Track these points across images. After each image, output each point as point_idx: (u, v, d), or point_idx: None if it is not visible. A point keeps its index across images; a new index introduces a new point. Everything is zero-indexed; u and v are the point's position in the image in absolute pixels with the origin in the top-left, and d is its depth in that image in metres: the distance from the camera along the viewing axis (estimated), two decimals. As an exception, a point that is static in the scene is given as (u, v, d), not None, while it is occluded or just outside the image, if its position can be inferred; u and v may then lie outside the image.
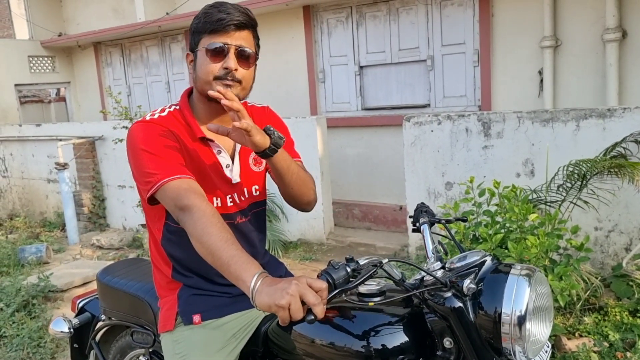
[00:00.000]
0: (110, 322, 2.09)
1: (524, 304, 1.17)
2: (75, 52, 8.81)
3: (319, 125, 4.99)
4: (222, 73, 1.41)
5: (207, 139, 1.50)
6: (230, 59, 1.41)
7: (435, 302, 1.26)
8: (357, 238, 5.23)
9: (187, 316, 1.53)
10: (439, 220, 1.70)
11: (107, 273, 2.07)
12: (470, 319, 1.22)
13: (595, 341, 2.71)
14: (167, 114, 1.50)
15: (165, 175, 1.35)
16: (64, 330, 2.13)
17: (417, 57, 5.63)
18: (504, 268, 1.26)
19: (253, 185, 1.61)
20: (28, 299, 3.96)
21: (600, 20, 4.57)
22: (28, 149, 7.32)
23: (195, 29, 1.45)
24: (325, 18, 6.14)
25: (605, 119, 3.42)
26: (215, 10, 1.41)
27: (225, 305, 1.57)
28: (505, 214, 2.60)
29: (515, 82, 5.09)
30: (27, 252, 5.22)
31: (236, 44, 1.41)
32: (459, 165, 4.00)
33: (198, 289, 1.56)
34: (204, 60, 1.42)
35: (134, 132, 1.44)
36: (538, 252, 2.27)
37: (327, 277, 1.14)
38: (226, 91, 1.34)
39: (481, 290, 1.22)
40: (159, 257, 1.59)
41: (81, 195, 6.43)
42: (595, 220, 3.50)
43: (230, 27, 1.40)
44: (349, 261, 1.20)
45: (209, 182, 1.49)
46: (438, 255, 1.46)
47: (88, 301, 2.24)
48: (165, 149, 1.40)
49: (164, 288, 1.61)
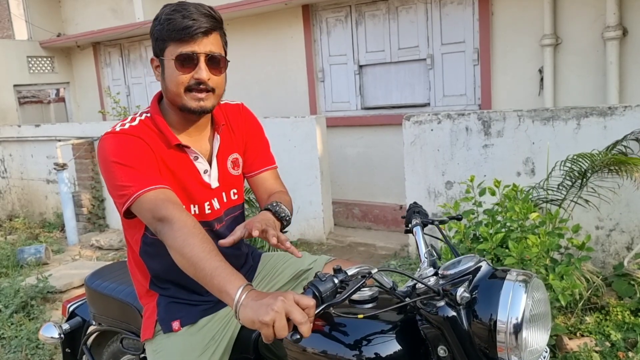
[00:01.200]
0: (101, 328, 2.04)
1: (520, 312, 1.12)
2: (74, 52, 8.79)
3: (319, 124, 4.97)
4: (193, 83, 1.36)
5: (183, 146, 1.45)
6: (202, 69, 1.35)
7: (428, 311, 1.22)
8: (357, 238, 5.21)
9: (166, 324, 1.51)
10: (431, 222, 1.64)
11: (95, 277, 2.02)
12: (465, 328, 1.18)
13: (597, 341, 2.69)
14: (138, 122, 1.43)
15: (139, 187, 1.30)
16: (54, 336, 2.08)
17: (416, 56, 5.61)
18: (500, 274, 1.22)
19: (231, 189, 1.58)
20: (27, 300, 3.94)
21: (601, 18, 4.55)
22: (27, 149, 7.30)
23: (159, 35, 1.37)
24: (325, 17, 6.12)
25: (606, 117, 3.40)
26: (179, 16, 1.32)
27: (203, 309, 1.55)
28: (506, 213, 2.58)
29: (515, 80, 5.07)
30: (26, 253, 5.20)
31: (205, 51, 1.35)
32: (459, 165, 3.98)
33: (176, 297, 1.54)
34: (173, 71, 1.36)
35: (104, 144, 1.37)
36: (539, 251, 2.25)
37: (313, 291, 1.09)
38: (227, 242, 1.26)
39: (476, 297, 1.18)
40: (137, 268, 1.57)
41: (80, 196, 6.41)
42: (596, 219, 3.48)
43: (197, 36, 1.33)
44: (337, 272, 1.15)
45: (186, 190, 1.46)
46: (432, 260, 1.41)
47: (79, 305, 2.19)
48: (138, 159, 1.34)
49: (143, 297, 1.60)
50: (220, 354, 1.52)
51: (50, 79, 8.73)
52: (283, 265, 1.73)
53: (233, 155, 1.59)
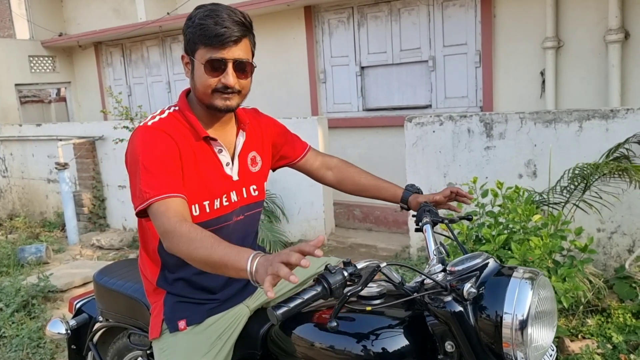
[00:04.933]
0: (108, 324, 2.06)
1: (526, 309, 1.14)
2: (76, 52, 8.79)
3: (321, 125, 4.98)
4: (221, 87, 1.43)
5: (210, 138, 1.51)
6: (229, 75, 1.41)
7: (436, 306, 1.24)
8: (358, 239, 5.21)
9: (172, 323, 1.54)
10: (442, 220, 1.67)
11: (104, 274, 2.04)
12: (471, 323, 1.19)
13: (598, 343, 2.69)
14: (168, 115, 1.51)
15: (155, 194, 1.35)
16: (61, 332, 2.10)
17: (418, 57, 5.61)
18: (506, 271, 1.24)
19: (251, 185, 1.63)
20: (28, 299, 3.94)
21: (603, 22, 4.56)
22: (28, 149, 7.30)
23: (191, 37, 1.43)
24: (327, 18, 6.13)
25: (609, 120, 3.40)
26: (211, 23, 1.38)
27: (209, 308, 1.57)
28: (508, 214, 2.58)
29: (517, 83, 5.07)
30: (27, 252, 5.20)
31: (234, 58, 1.41)
32: (460, 166, 3.99)
33: (182, 296, 1.56)
34: (202, 73, 1.42)
35: (136, 139, 1.44)
36: (542, 253, 2.25)
37: (323, 283, 1.11)
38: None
39: (482, 294, 1.20)
40: (148, 264, 1.60)
41: (81, 196, 6.41)
42: (598, 222, 3.48)
43: (228, 44, 1.39)
44: (346, 265, 1.17)
45: (206, 181, 1.50)
46: (440, 257, 1.43)
47: (85, 302, 2.21)
48: (162, 163, 1.39)
49: (151, 294, 1.63)
50: (226, 352, 1.53)
51: (51, 78, 8.73)
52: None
53: (252, 153, 1.65)
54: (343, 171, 1.90)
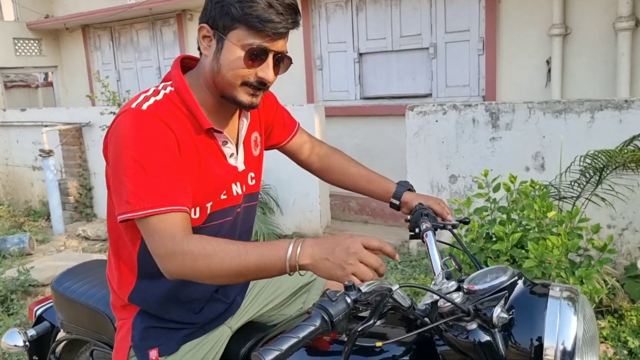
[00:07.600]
0: (69, 337, 1.81)
1: (572, 335, 0.96)
2: (63, 35, 8.50)
3: (317, 113, 4.78)
4: (254, 80, 1.17)
5: (215, 130, 1.25)
6: (269, 69, 1.17)
7: (456, 335, 1.03)
8: (355, 232, 5.03)
9: (142, 353, 1.29)
10: (442, 226, 1.42)
11: (64, 279, 1.77)
12: (501, 354, 1.00)
13: (616, 349, 2.53)
14: (163, 97, 1.20)
15: (153, 205, 1.09)
16: (18, 344, 1.82)
17: (419, 44, 5.41)
18: (540, 289, 1.04)
19: (250, 173, 1.39)
20: (6, 294, 3.73)
21: (612, 8, 4.38)
22: (12, 134, 7.04)
23: (229, 11, 1.13)
24: (324, 2, 5.89)
25: (622, 111, 3.23)
26: (265, 4, 1.11)
27: (185, 335, 1.34)
28: (522, 210, 2.40)
29: (521, 71, 4.89)
30: (9, 243, 4.97)
31: (277, 50, 1.17)
32: (464, 158, 3.81)
33: (156, 318, 1.32)
34: (236, 58, 1.15)
35: (122, 126, 1.15)
36: (560, 253, 2.08)
37: (322, 315, 0.90)
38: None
39: (513, 318, 1.00)
40: (120, 273, 1.33)
41: (67, 184, 6.17)
42: (608, 218, 3.33)
43: (279, 34, 1.14)
44: (348, 289, 0.96)
45: (213, 181, 1.26)
46: (447, 271, 1.19)
47: (47, 308, 1.95)
48: (161, 163, 1.12)
49: (118, 310, 1.37)
50: None
51: (37, 62, 8.44)
52: (280, 280, 1.56)
53: (255, 134, 1.43)
54: (331, 158, 1.64)
